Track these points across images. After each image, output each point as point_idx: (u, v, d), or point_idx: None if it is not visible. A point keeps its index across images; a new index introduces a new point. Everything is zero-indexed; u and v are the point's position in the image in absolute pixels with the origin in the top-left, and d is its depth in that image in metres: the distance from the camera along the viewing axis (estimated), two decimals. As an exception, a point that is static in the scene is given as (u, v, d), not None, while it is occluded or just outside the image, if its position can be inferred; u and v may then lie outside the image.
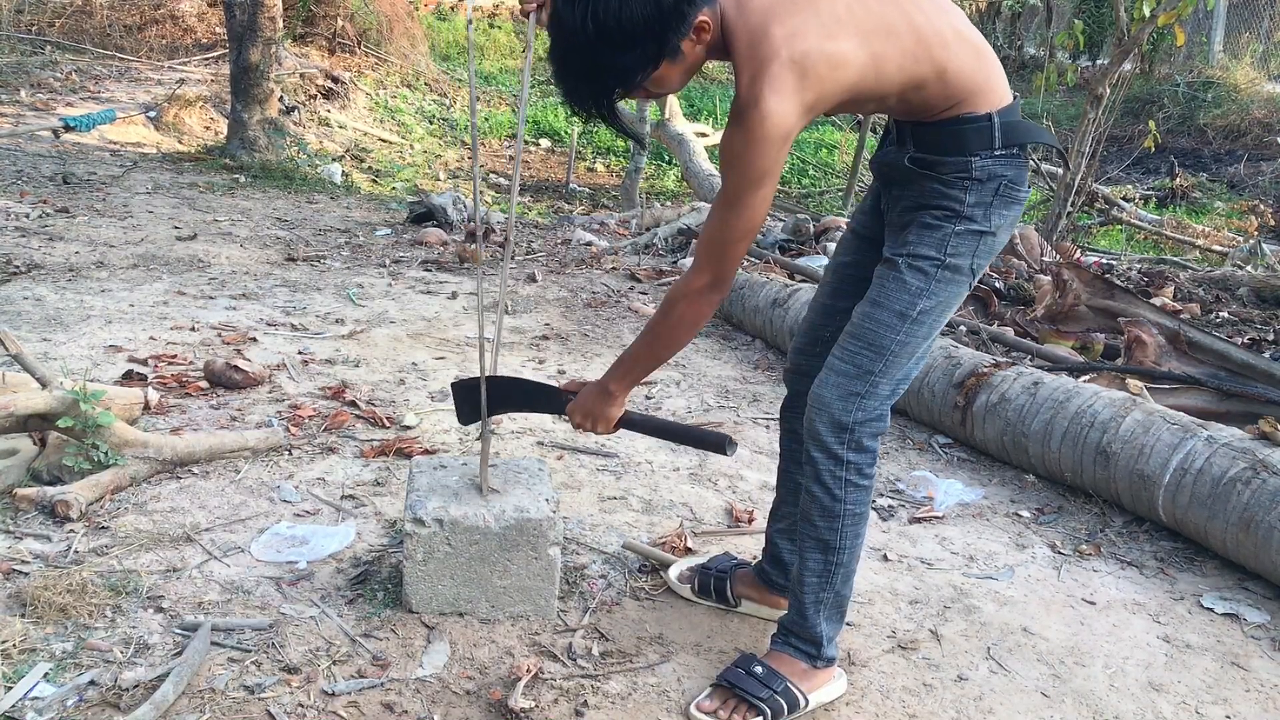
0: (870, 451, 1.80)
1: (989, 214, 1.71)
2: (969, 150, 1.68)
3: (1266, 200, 9.36)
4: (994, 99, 1.68)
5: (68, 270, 4.36)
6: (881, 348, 1.74)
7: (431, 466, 2.15)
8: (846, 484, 1.79)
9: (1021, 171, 1.72)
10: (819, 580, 1.84)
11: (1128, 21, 6.13)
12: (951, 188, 1.70)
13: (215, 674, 1.78)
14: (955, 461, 3.17)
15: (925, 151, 1.71)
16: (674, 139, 10.02)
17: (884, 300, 1.74)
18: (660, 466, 2.90)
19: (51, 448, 2.47)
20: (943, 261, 1.71)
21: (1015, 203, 1.73)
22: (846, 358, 1.76)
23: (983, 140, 1.67)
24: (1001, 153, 1.68)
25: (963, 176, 1.69)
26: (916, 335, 1.74)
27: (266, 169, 7.45)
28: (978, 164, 1.68)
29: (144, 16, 10.77)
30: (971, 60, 1.68)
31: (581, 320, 4.49)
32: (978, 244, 1.72)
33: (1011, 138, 1.68)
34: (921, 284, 1.72)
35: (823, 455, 1.78)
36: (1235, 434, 2.59)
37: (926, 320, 1.74)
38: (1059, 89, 12.98)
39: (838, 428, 1.77)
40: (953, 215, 1.70)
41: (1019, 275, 5.16)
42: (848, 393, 1.76)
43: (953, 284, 1.73)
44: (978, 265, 1.75)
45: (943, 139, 1.69)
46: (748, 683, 1.80)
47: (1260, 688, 2.05)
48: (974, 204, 1.70)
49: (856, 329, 1.77)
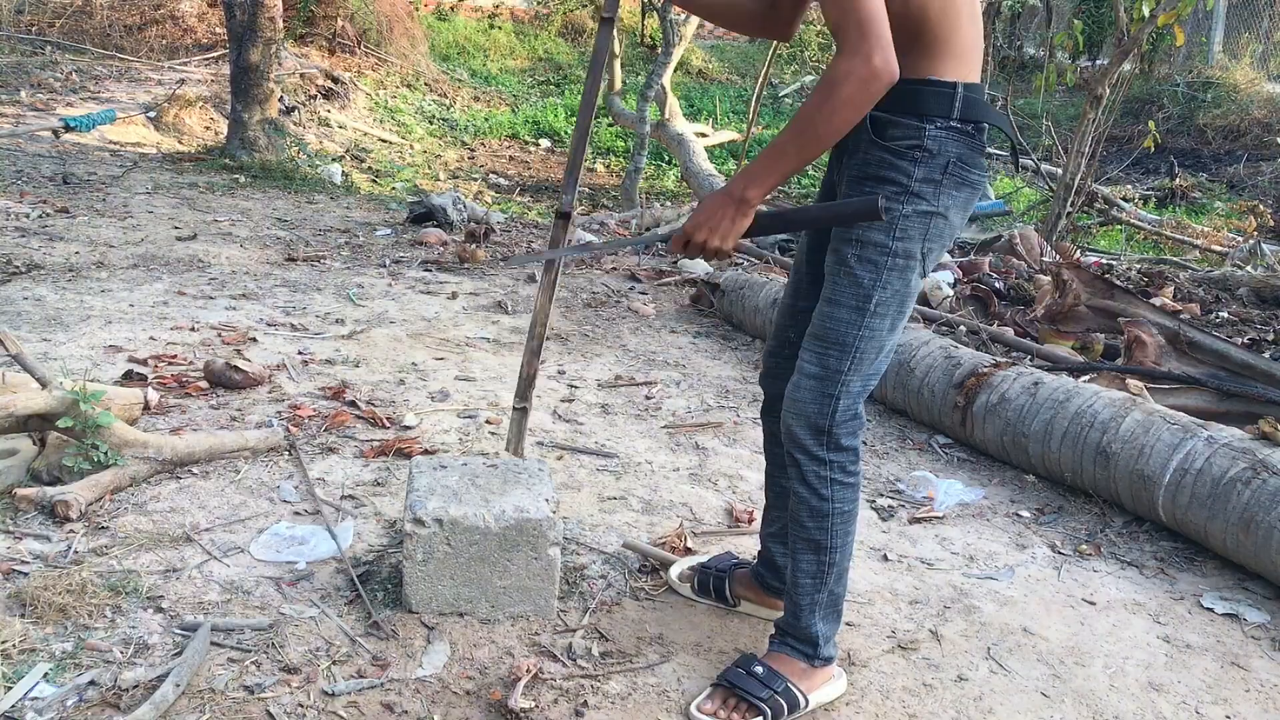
0: (850, 449, 1.80)
1: (939, 193, 1.68)
2: (925, 113, 1.65)
3: (1266, 200, 9.36)
4: (963, 70, 1.67)
5: (68, 270, 4.36)
6: (845, 345, 1.73)
7: (431, 466, 2.15)
8: (832, 483, 1.79)
9: (975, 153, 1.70)
10: (813, 581, 1.84)
11: (1127, 21, 6.13)
12: (900, 158, 1.67)
13: (215, 674, 1.78)
14: (955, 461, 3.17)
15: (882, 109, 1.66)
16: (674, 139, 10.02)
17: (838, 298, 1.73)
18: (660, 466, 2.90)
19: (51, 448, 2.47)
20: (890, 248, 1.69)
21: (966, 185, 1.70)
22: (814, 360, 1.76)
23: (941, 106, 1.65)
24: (957, 124, 1.66)
25: (914, 146, 1.66)
26: (878, 328, 1.73)
27: (266, 169, 7.44)
28: (931, 132, 1.65)
29: (144, 17, 10.76)
30: (969, 19, 1.67)
31: (581, 320, 4.49)
32: (928, 226, 1.69)
33: (970, 112, 1.66)
34: (872, 276, 1.70)
35: (805, 457, 1.79)
36: (1235, 434, 2.59)
37: (886, 312, 1.73)
38: (1059, 89, 13.00)
39: (815, 430, 1.77)
40: (901, 192, 1.67)
41: (1019, 275, 5.16)
42: (821, 394, 1.76)
43: (905, 271, 1.71)
44: (929, 249, 1.72)
45: (902, 98, 1.64)
46: (748, 683, 1.81)
47: (1260, 688, 2.05)
48: (922, 179, 1.67)
49: (818, 329, 1.76)
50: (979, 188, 1.74)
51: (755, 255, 5.64)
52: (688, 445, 3.10)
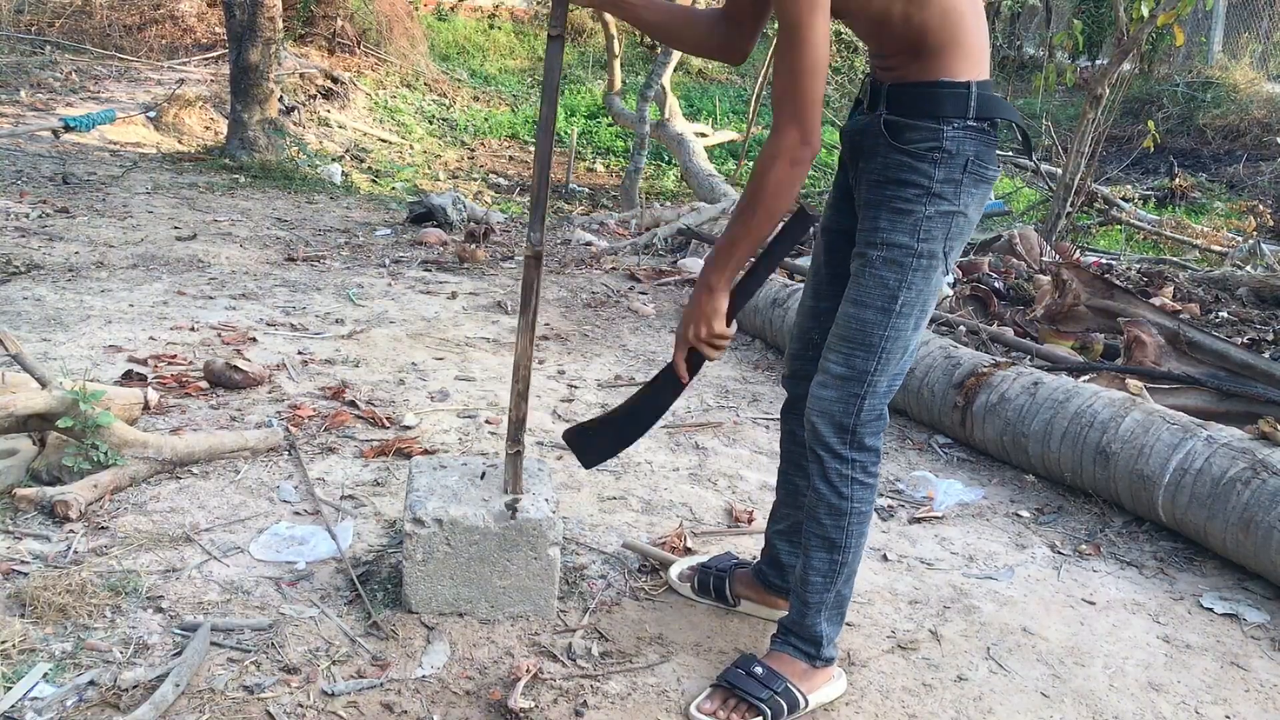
0: (873, 450, 1.81)
1: (959, 192, 1.69)
2: (942, 114, 1.66)
3: (1266, 200, 9.36)
4: (974, 69, 1.68)
5: (67, 270, 4.36)
6: (872, 346, 1.74)
7: (431, 466, 2.15)
8: (853, 482, 1.80)
9: (990, 149, 1.71)
10: (824, 580, 1.84)
11: (1127, 21, 6.13)
12: (920, 161, 1.68)
13: (215, 674, 1.78)
14: (955, 461, 3.17)
15: (898, 114, 1.68)
16: (673, 139, 10.02)
17: (864, 299, 1.74)
18: (660, 466, 2.90)
19: (51, 448, 2.47)
20: (915, 249, 1.70)
21: (984, 181, 1.72)
22: (840, 360, 1.77)
23: (957, 107, 1.66)
24: (974, 124, 1.67)
25: (933, 148, 1.67)
26: (904, 328, 1.74)
27: (266, 169, 7.44)
28: (949, 133, 1.66)
29: (144, 16, 10.77)
30: (973, 17, 1.68)
31: (581, 320, 4.49)
32: (950, 225, 1.71)
33: (985, 110, 1.67)
34: (898, 276, 1.72)
35: (828, 455, 1.79)
36: (1235, 434, 2.59)
37: (910, 312, 1.74)
38: (1058, 89, 13.00)
39: (840, 429, 1.78)
40: (923, 194, 1.68)
41: (1019, 275, 5.16)
42: (848, 394, 1.77)
43: (929, 271, 1.72)
44: (950, 249, 1.73)
45: (918, 101, 1.67)
46: (748, 683, 1.81)
47: (1260, 688, 2.05)
48: (943, 180, 1.68)
49: (844, 330, 1.77)
50: (994, 182, 1.76)
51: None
52: (688, 445, 3.10)
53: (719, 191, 8.19)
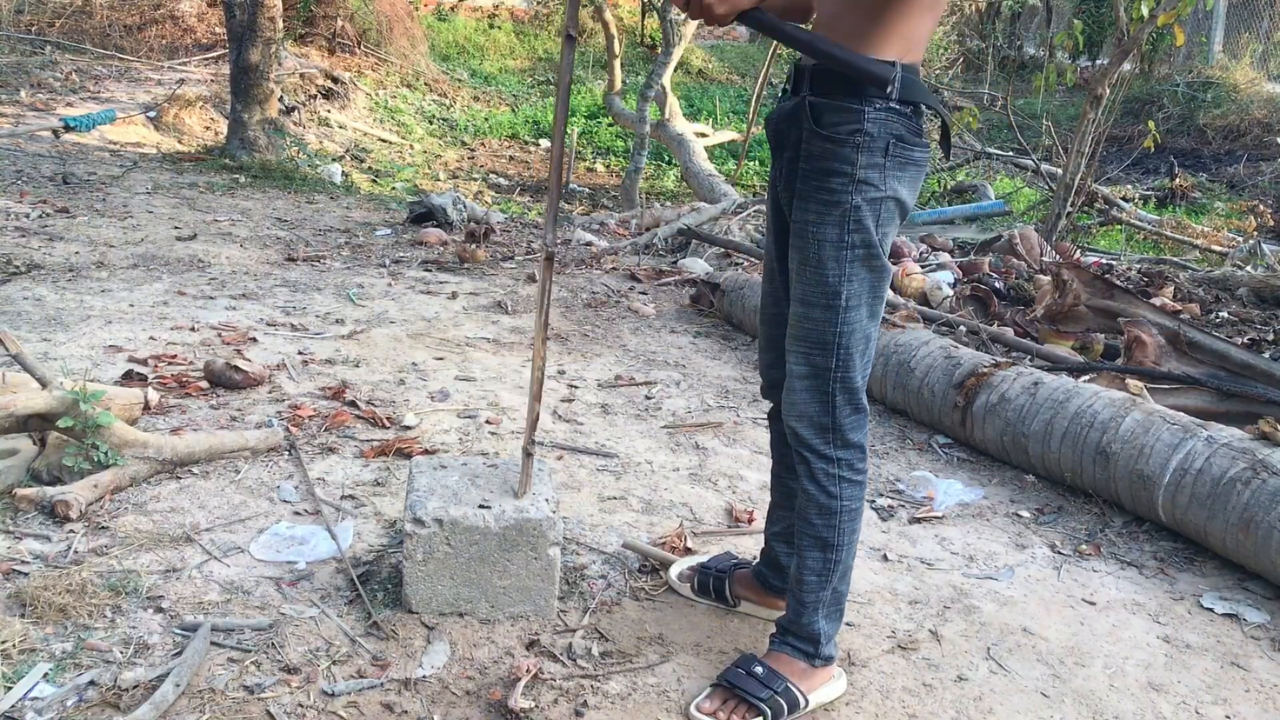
0: (858, 446, 1.81)
1: (885, 176, 1.69)
2: (864, 94, 1.65)
3: (1266, 200, 9.36)
4: (905, 52, 1.67)
5: (68, 270, 4.36)
6: (827, 344, 1.74)
7: (431, 466, 2.15)
8: (840, 480, 1.80)
9: (914, 133, 1.70)
10: (818, 579, 1.84)
11: (1127, 21, 6.13)
12: (842, 146, 1.67)
13: (215, 674, 1.78)
14: (955, 461, 3.17)
15: (821, 95, 1.68)
16: (674, 139, 10.02)
17: (809, 298, 1.74)
18: (660, 466, 2.90)
19: (51, 448, 2.47)
20: (846, 241, 1.69)
21: (910, 164, 1.71)
22: (800, 360, 1.77)
23: (880, 86, 1.65)
24: (896, 105, 1.66)
25: (854, 131, 1.66)
26: (855, 320, 1.74)
27: (266, 169, 7.44)
28: (870, 114, 1.65)
29: (144, 16, 10.77)
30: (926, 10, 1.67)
31: (581, 320, 4.49)
32: (879, 212, 1.70)
33: (907, 93, 1.67)
34: (836, 271, 1.71)
35: (814, 456, 1.80)
36: (1235, 434, 2.59)
37: (859, 304, 1.73)
38: (1059, 89, 13.00)
39: (820, 429, 1.78)
40: (848, 181, 1.68)
41: (1019, 275, 5.16)
42: (817, 393, 1.77)
43: (868, 259, 1.72)
44: (884, 234, 1.72)
45: (839, 80, 1.66)
46: (748, 683, 1.81)
47: (1260, 688, 2.05)
48: (867, 166, 1.67)
49: (797, 330, 1.77)
50: (924, 165, 1.74)
51: (755, 255, 5.64)
52: (688, 445, 3.10)
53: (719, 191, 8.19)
